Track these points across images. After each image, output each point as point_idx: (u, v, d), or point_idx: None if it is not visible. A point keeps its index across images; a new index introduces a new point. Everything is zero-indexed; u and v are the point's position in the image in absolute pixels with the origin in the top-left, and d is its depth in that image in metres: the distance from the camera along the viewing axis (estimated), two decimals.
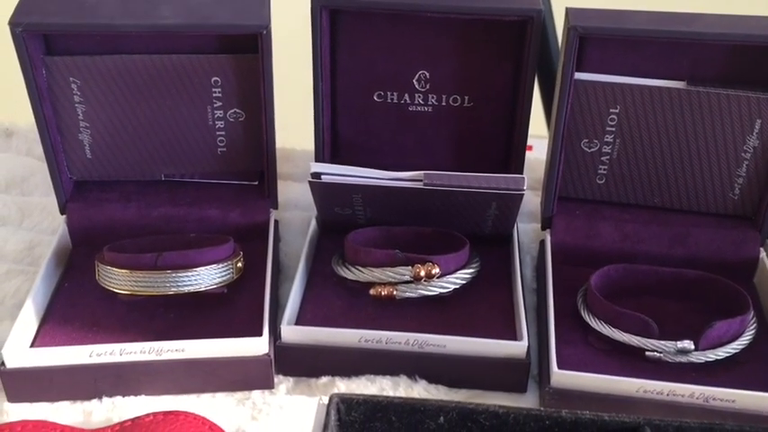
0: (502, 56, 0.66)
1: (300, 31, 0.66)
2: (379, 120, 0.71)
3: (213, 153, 0.68)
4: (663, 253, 0.66)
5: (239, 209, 0.68)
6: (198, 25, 0.60)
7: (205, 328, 0.59)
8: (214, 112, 0.66)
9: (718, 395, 0.53)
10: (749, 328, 0.59)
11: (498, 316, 0.62)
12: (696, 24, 0.60)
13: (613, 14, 0.62)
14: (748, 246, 0.65)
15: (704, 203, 0.67)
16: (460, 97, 0.69)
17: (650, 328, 0.57)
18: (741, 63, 0.62)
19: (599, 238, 0.67)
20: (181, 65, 0.63)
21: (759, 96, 0.62)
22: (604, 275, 0.63)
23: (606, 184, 0.68)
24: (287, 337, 0.58)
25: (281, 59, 0.84)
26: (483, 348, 0.57)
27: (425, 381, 0.57)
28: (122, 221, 0.67)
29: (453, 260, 0.62)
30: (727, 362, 0.57)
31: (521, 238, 0.72)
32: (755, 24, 0.60)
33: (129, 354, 0.55)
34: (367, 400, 0.48)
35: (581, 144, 0.66)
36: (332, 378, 0.58)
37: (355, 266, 0.62)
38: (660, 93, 0.63)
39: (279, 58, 0.83)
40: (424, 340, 0.57)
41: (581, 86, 0.64)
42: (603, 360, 0.58)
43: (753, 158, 0.64)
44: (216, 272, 0.60)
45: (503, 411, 0.47)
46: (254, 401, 0.56)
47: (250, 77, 0.64)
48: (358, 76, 0.69)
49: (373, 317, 0.61)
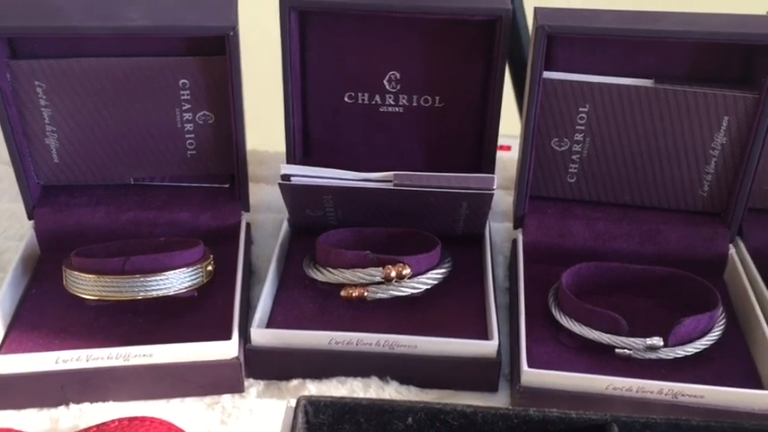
0: (471, 56, 0.67)
1: (272, 32, 0.66)
2: (350, 121, 0.71)
3: (183, 156, 0.67)
4: (634, 250, 0.66)
5: (210, 212, 0.67)
6: (164, 27, 0.59)
7: (175, 332, 0.59)
8: (183, 115, 0.65)
9: (686, 391, 0.53)
10: (718, 323, 0.59)
11: (470, 316, 0.62)
12: (663, 23, 0.60)
13: (581, 14, 0.62)
14: (718, 242, 0.66)
15: (674, 201, 0.67)
16: (431, 97, 0.69)
17: (620, 325, 0.57)
18: (708, 60, 0.63)
19: (570, 236, 0.67)
20: (148, 67, 0.63)
21: (726, 93, 0.62)
22: (575, 273, 0.63)
23: (577, 183, 0.68)
24: (257, 341, 0.57)
25: (252, 61, 0.84)
26: (454, 348, 0.57)
27: (397, 382, 0.57)
28: (91, 226, 0.66)
29: (424, 260, 0.62)
30: (696, 358, 0.57)
31: (493, 237, 0.72)
32: (722, 22, 0.61)
33: (96, 360, 0.54)
34: (335, 402, 0.47)
35: (551, 143, 0.67)
36: (303, 380, 0.58)
37: (326, 268, 0.62)
38: (628, 91, 0.63)
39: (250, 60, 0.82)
40: (394, 341, 0.57)
41: (550, 85, 0.64)
42: (574, 358, 0.58)
43: (721, 155, 0.64)
44: (185, 276, 0.60)
45: (470, 411, 0.47)
46: (224, 406, 0.56)
47: (218, 79, 0.63)
48: (328, 77, 0.69)
49: (345, 318, 0.61)
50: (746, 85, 0.63)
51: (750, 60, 0.63)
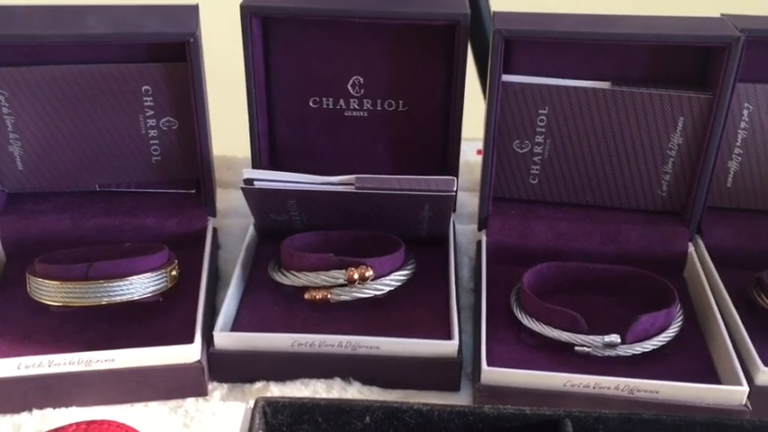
0: (433, 60, 0.67)
1: (237, 37, 0.67)
2: (315, 125, 0.71)
3: (148, 162, 0.68)
4: (595, 250, 0.67)
5: (176, 217, 0.68)
6: (125, 34, 0.60)
7: (139, 337, 0.59)
8: (146, 121, 0.66)
9: (642, 387, 0.54)
10: (675, 320, 0.60)
11: (434, 316, 0.62)
12: (618, 26, 0.62)
13: (539, 18, 0.63)
14: (677, 241, 0.67)
15: (634, 200, 0.68)
16: (395, 101, 0.70)
17: (579, 323, 0.58)
18: (664, 63, 0.64)
19: (533, 237, 0.68)
20: (110, 74, 0.63)
21: (681, 95, 0.63)
22: (537, 273, 0.64)
23: (539, 184, 0.69)
24: (220, 344, 0.58)
25: (219, 67, 0.84)
26: (415, 348, 0.57)
27: (359, 383, 0.58)
28: (57, 233, 0.66)
29: (388, 262, 0.63)
30: (654, 354, 0.58)
31: (459, 238, 0.73)
32: (677, 24, 0.62)
33: (58, 365, 0.55)
34: (293, 403, 0.48)
35: (513, 145, 0.68)
36: (266, 383, 0.58)
37: (290, 271, 0.62)
38: (586, 93, 0.64)
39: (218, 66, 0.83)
40: (356, 342, 0.57)
41: (509, 88, 0.65)
42: (535, 356, 0.59)
43: (678, 155, 0.66)
44: (149, 281, 0.60)
45: (427, 409, 0.48)
46: (187, 409, 0.56)
47: (181, 85, 0.64)
48: (293, 82, 0.69)
49: (309, 321, 0.61)
50: (701, 85, 0.64)
51: (705, 62, 0.64)
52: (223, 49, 0.84)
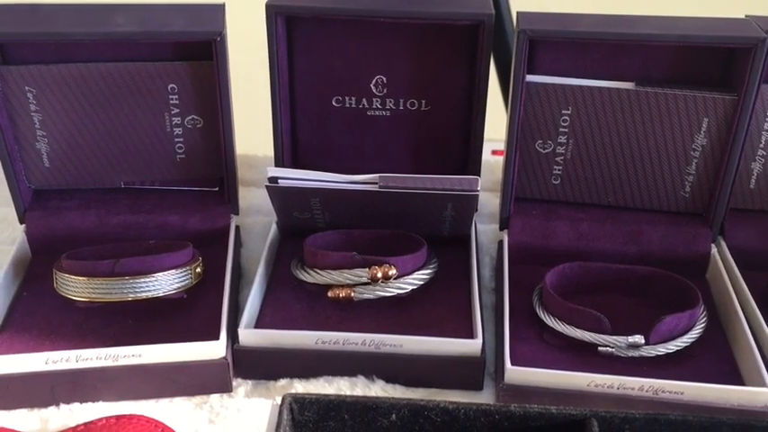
0: (456, 60, 0.68)
1: (262, 37, 0.67)
2: (337, 124, 0.72)
3: (172, 160, 0.68)
4: (617, 250, 0.67)
5: (199, 215, 0.68)
6: (152, 33, 0.60)
7: (164, 333, 0.60)
8: (172, 119, 0.66)
9: (667, 387, 0.54)
10: (699, 321, 0.60)
11: (455, 315, 0.62)
12: (642, 26, 0.62)
13: (562, 18, 0.63)
14: (700, 242, 0.67)
15: (656, 201, 0.68)
16: (417, 101, 0.70)
17: (602, 323, 0.58)
18: (687, 63, 0.64)
19: (555, 237, 0.68)
20: (136, 72, 0.64)
21: (705, 95, 0.63)
22: (560, 273, 0.64)
23: (561, 185, 0.69)
24: (245, 341, 0.58)
25: (242, 65, 0.85)
26: (438, 347, 0.57)
27: (383, 381, 0.58)
28: (82, 229, 0.67)
29: (410, 261, 0.63)
30: (677, 355, 0.58)
31: (480, 238, 0.73)
32: (700, 25, 0.62)
33: (85, 360, 0.55)
34: (320, 400, 0.48)
35: (535, 145, 0.68)
36: (290, 380, 0.58)
37: (313, 269, 0.63)
38: (610, 94, 0.64)
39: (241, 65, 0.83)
40: (380, 340, 0.57)
41: (533, 89, 0.65)
42: (558, 356, 0.59)
43: (702, 156, 0.66)
44: (174, 277, 0.60)
45: (453, 407, 0.48)
46: (212, 405, 0.56)
47: (206, 84, 0.64)
48: (316, 81, 0.70)
49: (332, 319, 0.62)
50: (726, 87, 0.64)
51: (729, 63, 0.64)
52: (247, 47, 0.84)
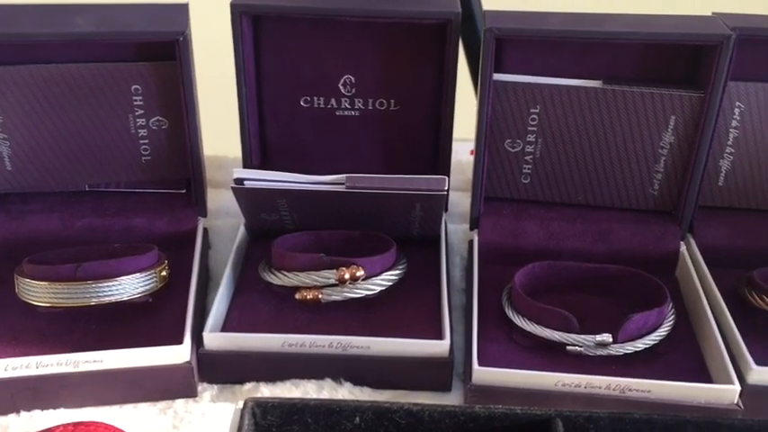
0: (425, 59, 0.67)
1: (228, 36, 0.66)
2: (306, 125, 0.71)
3: (137, 162, 0.67)
4: (587, 249, 0.67)
5: (166, 217, 0.67)
6: (114, 33, 0.60)
7: (128, 338, 0.59)
8: (136, 121, 0.65)
9: (633, 386, 0.54)
10: (667, 319, 0.60)
11: (425, 316, 0.62)
12: (609, 25, 0.61)
13: (530, 16, 0.63)
14: (669, 240, 0.67)
15: (626, 200, 0.68)
16: (386, 101, 0.70)
17: (570, 323, 0.58)
18: (654, 61, 0.64)
19: (525, 236, 0.68)
20: (99, 73, 0.63)
21: (672, 93, 0.63)
22: (529, 273, 0.64)
23: (531, 184, 0.69)
24: (210, 345, 0.57)
25: (212, 65, 0.84)
26: (406, 348, 0.57)
27: (350, 383, 0.57)
28: (45, 233, 0.66)
29: (379, 262, 0.62)
30: (646, 353, 0.58)
31: (451, 238, 0.72)
32: (668, 23, 0.62)
33: (46, 366, 0.54)
34: (282, 404, 0.47)
35: (505, 144, 0.67)
36: (257, 384, 0.58)
37: (281, 271, 0.62)
38: (577, 92, 0.64)
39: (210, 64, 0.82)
40: (347, 342, 0.57)
41: (501, 87, 0.65)
42: (526, 356, 0.59)
43: (669, 154, 0.66)
44: (138, 281, 0.60)
45: (417, 409, 0.47)
46: (176, 410, 0.55)
47: (171, 85, 0.64)
48: (284, 81, 0.69)
49: (299, 321, 0.61)
50: (693, 84, 0.64)
51: (696, 60, 0.64)
52: (214, 47, 0.83)
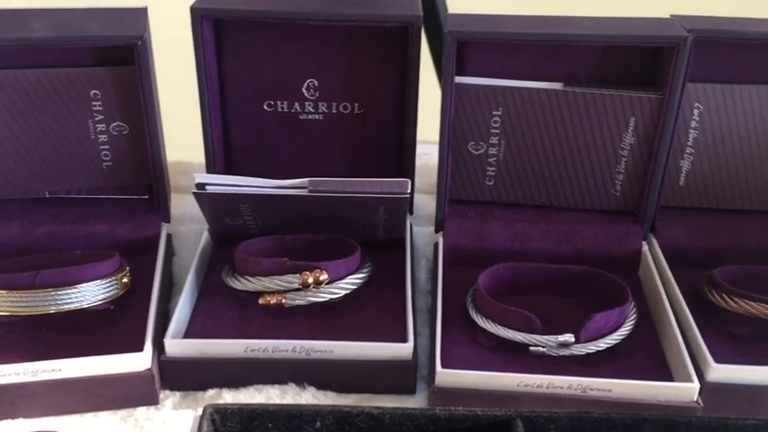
0: (387, 62, 0.67)
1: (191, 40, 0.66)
2: (270, 129, 0.71)
3: (98, 168, 0.67)
4: (551, 250, 0.67)
5: (128, 224, 0.67)
6: (70, 38, 0.59)
7: (89, 346, 0.58)
8: (96, 126, 0.65)
9: (594, 385, 0.54)
10: (629, 319, 0.60)
11: (390, 319, 0.62)
12: (569, 27, 0.62)
13: (491, 19, 0.63)
14: (631, 240, 0.67)
15: (588, 201, 0.69)
16: (350, 104, 0.70)
17: (533, 323, 0.58)
18: (614, 63, 0.65)
19: (490, 238, 0.68)
20: (57, 79, 0.62)
21: (631, 95, 0.64)
22: (493, 274, 0.64)
23: (495, 186, 0.69)
24: (171, 351, 0.57)
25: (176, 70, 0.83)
26: (370, 352, 0.57)
27: (314, 388, 0.57)
28: (5, 241, 0.65)
29: (343, 266, 0.62)
30: (608, 353, 0.58)
31: (417, 241, 0.73)
32: (626, 25, 0.63)
33: (3, 376, 0.53)
34: (242, 410, 0.47)
35: (468, 146, 0.68)
36: (219, 390, 0.57)
37: (244, 276, 0.62)
38: (539, 94, 0.64)
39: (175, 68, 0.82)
40: (310, 347, 0.57)
41: (463, 90, 0.65)
42: (490, 357, 0.59)
43: (630, 155, 0.66)
44: (99, 288, 0.59)
45: (378, 413, 0.47)
46: (137, 418, 0.55)
47: (130, 89, 0.63)
48: (247, 85, 0.69)
49: (264, 326, 0.61)
50: (652, 86, 0.65)
51: (654, 62, 0.64)
52: (178, 51, 0.83)
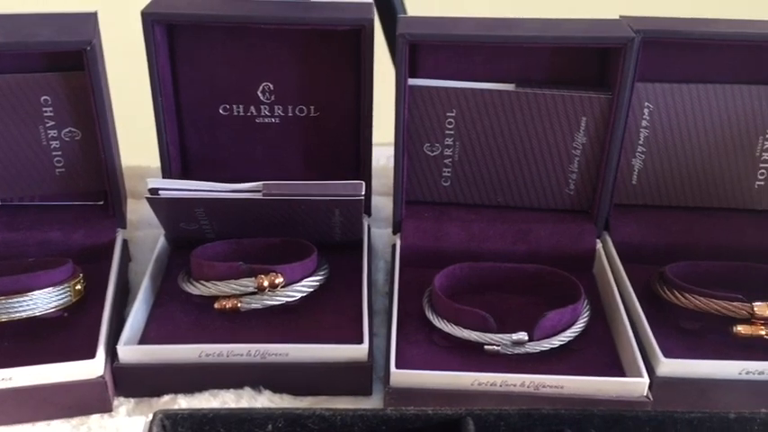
0: (342, 64, 0.68)
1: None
2: (226, 133, 0.71)
3: (51, 174, 0.66)
4: (508, 250, 0.68)
5: (83, 230, 0.66)
6: (19, 43, 0.58)
7: (42, 354, 0.57)
8: (47, 132, 0.64)
9: (547, 382, 0.55)
10: (582, 316, 0.61)
11: (347, 321, 0.62)
12: (520, 29, 0.63)
13: (443, 22, 0.64)
14: (585, 238, 0.68)
15: (543, 200, 0.70)
16: (306, 107, 0.70)
17: (488, 322, 0.59)
18: (564, 64, 0.66)
19: (447, 239, 0.68)
20: (6, 85, 0.61)
21: (582, 95, 0.65)
22: (449, 275, 0.64)
23: (452, 186, 0.70)
24: (124, 358, 0.56)
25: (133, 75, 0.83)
26: (325, 354, 0.57)
27: (270, 391, 0.57)
28: None
29: (299, 268, 0.62)
30: (562, 350, 0.59)
31: (376, 243, 0.73)
32: (576, 26, 0.63)
33: None
34: (193, 415, 0.47)
35: (423, 148, 0.68)
36: (174, 396, 0.57)
37: (199, 281, 0.61)
38: (492, 95, 0.65)
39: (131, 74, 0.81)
40: (265, 350, 0.57)
41: (417, 92, 0.65)
42: (446, 357, 0.59)
43: (583, 155, 0.67)
44: (51, 296, 0.58)
45: (329, 414, 0.47)
46: (90, 426, 0.54)
47: (81, 95, 0.62)
48: (201, 89, 0.69)
49: (219, 331, 0.61)
50: (602, 86, 0.65)
51: (604, 62, 0.65)
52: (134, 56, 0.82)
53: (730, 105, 0.66)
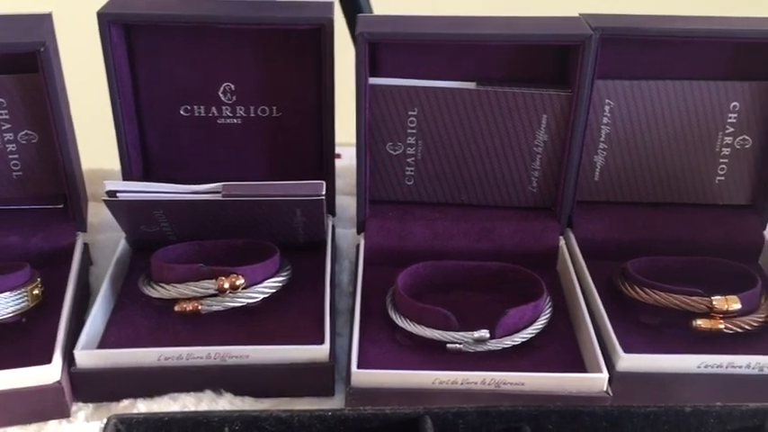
0: (302, 64, 0.67)
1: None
2: (188, 134, 0.70)
3: (8, 178, 0.65)
4: (472, 248, 0.68)
5: (42, 234, 0.65)
6: None
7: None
8: (3, 135, 0.63)
9: (507, 379, 0.55)
10: (544, 313, 0.61)
11: (309, 322, 0.62)
12: (479, 27, 0.63)
13: (402, 20, 0.64)
14: (549, 235, 0.68)
15: (507, 198, 0.70)
16: (268, 107, 0.69)
17: (450, 321, 0.59)
18: (524, 62, 0.66)
19: (411, 237, 0.68)
20: None
21: (542, 93, 0.65)
22: (413, 274, 0.64)
23: (415, 185, 0.70)
24: (82, 363, 0.56)
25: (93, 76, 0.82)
26: (286, 355, 0.57)
27: (231, 394, 0.57)
28: None
29: (260, 270, 0.62)
30: (524, 347, 0.59)
31: (341, 243, 0.73)
32: (535, 24, 0.64)
33: None
34: (147, 419, 0.46)
35: (386, 147, 0.68)
36: (134, 400, 0.56)
37: (159, 284, 0.61)
38: (453, 94, 0.65)
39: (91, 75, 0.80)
40: (225, 352, 0.56)
41: (378, 91, 0.65)
42: (408, 356, 0.59)
43: (544, 152, 0.67)
44: (7, 301, 0.58)
45: (286, 416, 0.47)
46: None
47: (38, 97, 0.62)
48: (161, 90, 0.68)
49: (180, 334, 0.60)
50: (562, 83, 0.66)
51: (563, 60, 0.66)
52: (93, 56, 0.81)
53: (690, 101, 0.67)
